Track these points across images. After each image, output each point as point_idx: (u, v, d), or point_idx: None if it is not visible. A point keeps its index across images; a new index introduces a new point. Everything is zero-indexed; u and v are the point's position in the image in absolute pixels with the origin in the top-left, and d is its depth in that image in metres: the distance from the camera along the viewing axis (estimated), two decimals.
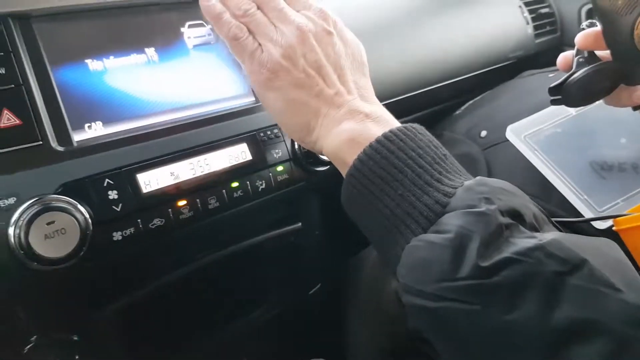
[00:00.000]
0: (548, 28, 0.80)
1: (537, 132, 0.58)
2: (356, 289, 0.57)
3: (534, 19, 0.78)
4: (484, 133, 0.62)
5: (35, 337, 0.43)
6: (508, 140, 0.57)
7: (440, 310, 0.26)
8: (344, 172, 0.35)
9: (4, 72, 0.38)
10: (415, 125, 0.35)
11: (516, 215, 0.28)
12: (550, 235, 0.27)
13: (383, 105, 0.39)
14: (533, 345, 0.24)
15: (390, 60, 0.63)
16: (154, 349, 0.52)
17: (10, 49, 0.38)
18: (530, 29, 0.76)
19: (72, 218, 0.37)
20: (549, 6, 0.82)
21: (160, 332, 0.52)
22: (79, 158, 0.40)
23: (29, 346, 0.43)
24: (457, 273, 0.26)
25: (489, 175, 0.58)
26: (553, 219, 0.52)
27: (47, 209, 0.36)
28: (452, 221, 0.27)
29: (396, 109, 0.65)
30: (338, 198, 0.35)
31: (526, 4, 0.77)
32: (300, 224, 0.55)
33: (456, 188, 0.29)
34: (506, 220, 0.27)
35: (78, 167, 0.40)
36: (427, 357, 0.33)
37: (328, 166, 0.51)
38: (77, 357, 0.43)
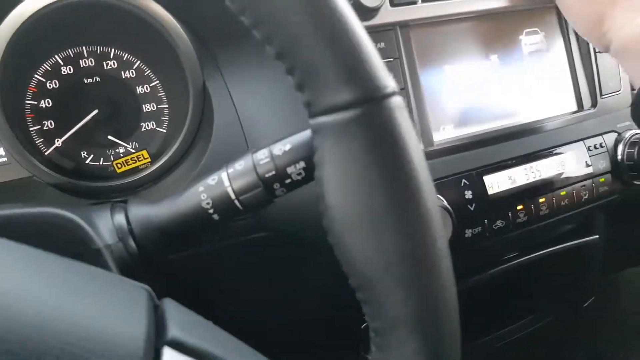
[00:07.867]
0: None
1: None
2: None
3: None
4: None
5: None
6: None
7: None
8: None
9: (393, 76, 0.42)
10: None
11: None
12: None
13: None
14: None
15: None
16: None
17: (397, 56, 0.42)
18: None
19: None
20: None
21: None
22: (439, 158, 0.43)
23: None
24: None
25: None
26: None
27: None
28: None
29: None
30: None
31: None
32: (597, 236, 0.54)
33: None
34: None
35: (439, 165, 0.43)
36: None
37: None
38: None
